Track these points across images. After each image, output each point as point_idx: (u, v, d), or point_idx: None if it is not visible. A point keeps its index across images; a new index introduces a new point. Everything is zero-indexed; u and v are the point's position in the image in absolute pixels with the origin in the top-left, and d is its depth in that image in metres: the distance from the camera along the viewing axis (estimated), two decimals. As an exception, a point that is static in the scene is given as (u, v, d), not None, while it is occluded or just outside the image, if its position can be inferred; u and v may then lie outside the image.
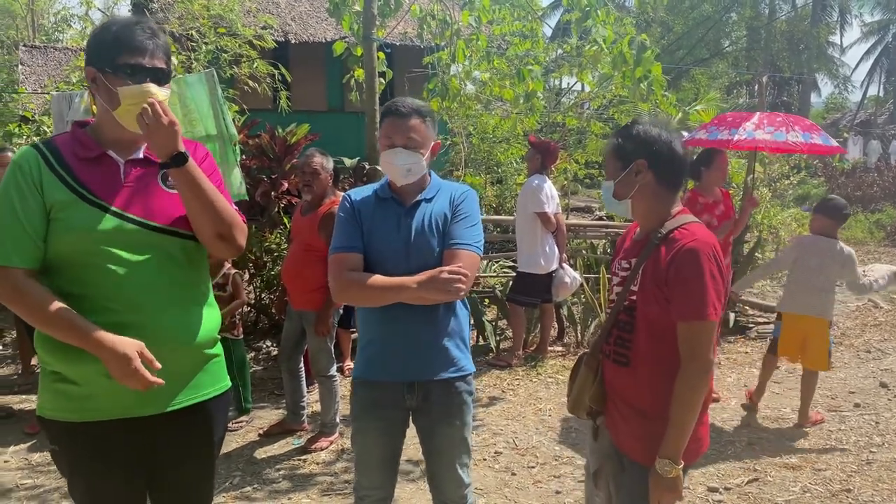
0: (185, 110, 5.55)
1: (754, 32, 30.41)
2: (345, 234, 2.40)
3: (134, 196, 1.97)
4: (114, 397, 1.94)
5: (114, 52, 1.91)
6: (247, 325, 6.46)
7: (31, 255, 1.87)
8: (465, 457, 2.51)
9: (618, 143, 2.19)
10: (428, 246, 2.37)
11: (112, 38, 1.92)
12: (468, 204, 2.45)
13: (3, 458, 4.21)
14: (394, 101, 2.45)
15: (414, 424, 2.52)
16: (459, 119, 9.60)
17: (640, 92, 5.86)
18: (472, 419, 2.55)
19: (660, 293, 2.06)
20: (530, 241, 5.88)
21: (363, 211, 2.43)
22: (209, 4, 8.74)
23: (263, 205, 6.45)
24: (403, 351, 2.40)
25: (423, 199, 2.44)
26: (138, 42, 1.92)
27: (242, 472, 4.04)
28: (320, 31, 13.87)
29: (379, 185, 2.51)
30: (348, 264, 2.35)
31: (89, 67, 1.94)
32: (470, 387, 2.51)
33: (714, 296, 2.01)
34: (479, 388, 5.43)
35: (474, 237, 2.41)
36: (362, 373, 2.48)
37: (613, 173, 2.20)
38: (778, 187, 9.54)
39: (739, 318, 7.18)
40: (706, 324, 2.01)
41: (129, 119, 1.93)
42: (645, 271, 2.11)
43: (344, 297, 2.41)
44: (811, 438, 4.47)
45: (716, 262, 2.03)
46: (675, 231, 2.10)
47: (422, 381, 2.42)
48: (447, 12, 6.17)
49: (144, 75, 1.92)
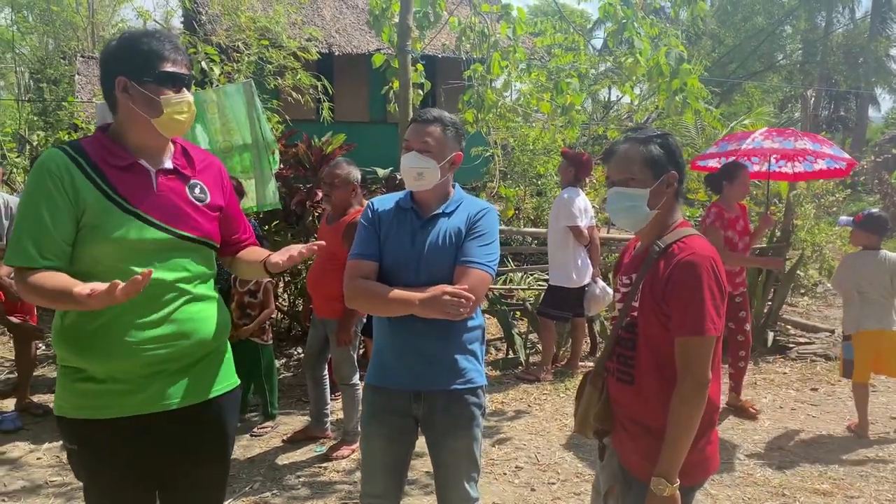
0: (223, 119, 5.70)
1: (810, 45, 29.68)
2: (362, 242, 2.43)
3: (167, 206, 2.02)
4: (137, 394, 1.98)
5: (152, 61, 1.97)
6: (280, 331, 6.56)
7: (56, 257, 1.91)
8: (472, 471, 2.49)
9: (653, 154, 2.10)
10: (440, 260, 2.37)
11: (146, 49, 1.98)
12: (486, 221, 2.42)
13: (37, 455, 4.34)
14: (423, 109, 2.48)
15: (423, 435, 2.51)
16: (499, 131, 9.59)
17: (675, 105, 5.77)
18: (481, 433, 2.53)
19: (659, 309, 2.01)
20: (562, 254, 5.82)
21: (383, 219, 2.45)
22: (256, 17, 8.96)
23: (299, 213, 6.54)
24: (412, 360, 2.40)
25: (442, 212, 2.44)
26: (171, 52, 2.00)
27: (263, 478, 4.08)
28: (364, 43, 14.05)
29: (403, 194, 2.52)
30: (361, 271, 2.38)
31: (121, 77, 1.98)
32: (480, 400, 2.48)
33: (713, 311, 1.95)
34: (505, 401, 5.40)
35: (487, 256, 2.38)
36: (372, 378, 2.51)
37: (645, 182, 2.10)
38: (822, 203, 9.26)
39: (779, 337, 6.97)
40: (704, 339, 1.96)
41: (170, 126, 2.01)
42: (644, 287, 2.07)
43: (353, 303, 2.43)
44: (846, 464, 4.31)
45: (714, 275, 1.98)
46: (673, 245, 2.05)
47: (428, 391, 2.41)
48: (485, 24, 6.18)
49: (182, 82, 2.02)
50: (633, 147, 2.13)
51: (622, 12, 5.55)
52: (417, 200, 2.47)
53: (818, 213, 9.39)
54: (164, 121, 1.99)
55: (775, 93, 28.19)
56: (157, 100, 1.96)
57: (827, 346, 6.88)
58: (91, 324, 1.95)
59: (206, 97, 5.71)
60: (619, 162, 2.15)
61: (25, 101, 18.86)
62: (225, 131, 5.71)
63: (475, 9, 6.11)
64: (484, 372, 2.54)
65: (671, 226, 2.13)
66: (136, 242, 1.94)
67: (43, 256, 1.89)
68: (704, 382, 1.98)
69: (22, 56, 23.42)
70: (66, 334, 1.99)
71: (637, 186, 2.11)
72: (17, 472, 4.11)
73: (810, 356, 6.59)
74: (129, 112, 2.00)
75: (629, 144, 2.14)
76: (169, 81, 1.98)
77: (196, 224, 2.06)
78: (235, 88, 5.74)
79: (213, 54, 7.26)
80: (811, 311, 8.54)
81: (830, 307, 8.81)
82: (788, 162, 6.02)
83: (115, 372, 1.97)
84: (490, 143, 9.74)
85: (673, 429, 1.98)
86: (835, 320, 8.09)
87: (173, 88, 1.99)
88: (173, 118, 1.99)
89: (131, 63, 1.98)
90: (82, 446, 2.03)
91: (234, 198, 2.27)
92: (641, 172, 2.10)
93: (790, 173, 6.16)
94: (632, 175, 2.11)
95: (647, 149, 2.11)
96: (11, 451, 4.39)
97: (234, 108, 5.66)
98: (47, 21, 22.74)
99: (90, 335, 1.96)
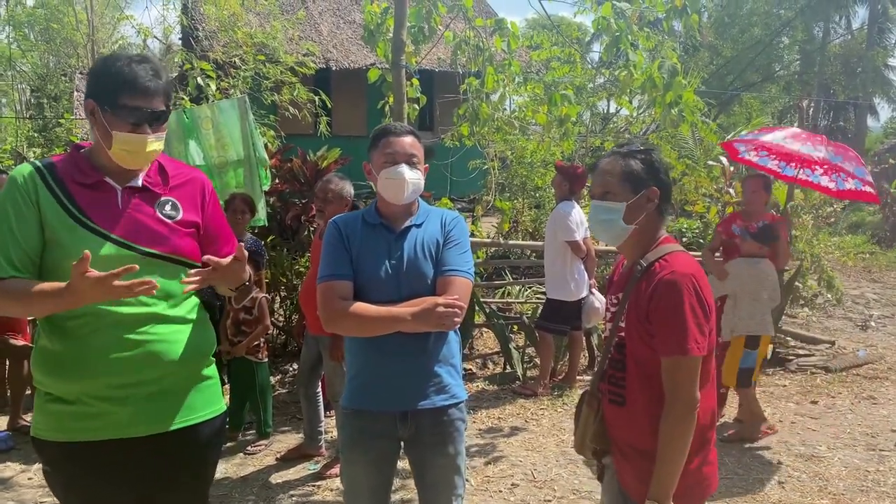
0: (217, 135, 5.70)
1: (807, 56, 29.73)
2: (334, 262, 2.35)
3: (132, 223, 2.00)
4: (107, 417, 1.95)
5: (116, 91, 1.93)
6: (275, 347, 6.52)
7: (24, 268, 1.91)
8: (458, 486, 2.45)
9: (632, 168, 2.09)
10: (420, 273, 2.33)
11: (115, 76, 1.93)
12: (459, 230, 2.42)
13: (27, 476, 4.29)
14: (385, 124, 2.46)
15: (406, 454, 2.47)
16: (496, 143, 9.58)
17: (670, 118, 5.77)
18: (465, 447, 2.50)
19: (643, 329, 1.99)
20: (560, 267, 5.79)
21: (352, 237, 2.38)
22: (253, 33, 8.98)
23: (294, 228, 6.53)
24: (395, 380, 2.35)
25: (412, 224, 2.41)
26: (140, 83, 1.94)
27: (256, 497, 4.03)
28: (361, 58, 14.09)
29: (366, 210, 2.48)
30: (339, 292, 2.30)
31: (89, 100, 1.96)
32: (462, 414, 2.45)
33: (695, 330, 1.92)
34: (501, 417, 5.34)
35: (467, 264, 2.38)
36: (351, 402, 2.42)
37: (622, 196, 2.08)
38: (820, 214, 9.24)
39: (779, 349, 6.92)
40: (689, 359, 1.93)
41: (122, 159, 1.98)
42: (629, 307, 2.04)
43: (336, 326, 2.35)
44: (846, 479, 4.25)
45: (696, 293, 1.95)
46: (655, 263, 2.02)
47: (414, 409, 2.36)
48: (480, 38, 6.19)
49: (143, 118, 1.95)
50: (614, 161, 2.12)
51: (616, 25, 5.54)
52: (386, 215, 2.42)
53: (817, 223, 9.36)
54: (116, 152, 1.96)
55: (773, 103, 28.21)
56: (110, 133, 1.93)
57: (827, 357, 6.82)
58: (59, 346, 1.93)
59: (200, 113, 5.71)
60: (599, 176, 2.15)
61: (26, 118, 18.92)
62: (220, 146, 5.70)
63: (469, 23, 6.12)
64: (463, 385, 2.51)
65: (655, 242, 2.11)
66: (100, 259, 1.90)
67: (11, 266, 1.89)
68: (692, 403, 1.94)
69: (23, 73, 23.50)
70: (38, 357, 1.98)
71: (614, 200, 2.10)
72: (7, 493, 4.07)
73: (810, 368, 6.53)
74: (96, 134, 2.00)
75: (611, 158, 2.13)
76: (130, 116, 1.93)
77: (163, 241, 2.02)
78: (230, 104, 5.75)
79: (209, 70, 7.27)
80: (811, 322, 8.48)
81: (831, 318, 8.76)
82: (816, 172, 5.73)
83: (82, 395, 1.94)
84: (486, 156, 9.73)
85: (663, 451, 1.94)
86: (835, 331, 8.05)
87: (132, 124, 1.93)
88: (123, 152, 1.96)
89: (99, 88, 1.96)
90: (54, 468, 2.01)
91: (217, 213, 2.22)
92: (619, 186, 2.09)
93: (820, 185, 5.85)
94: (609, 189, 2.10)
95: (626, 163, 2.10)
96: (3, 472, 4.34)
97: (229, 123, 5.66)
98: (48, 38, 22.83)
99: (58, 357, 1.94)
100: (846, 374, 6.40)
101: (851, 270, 11.76)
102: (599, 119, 14.64)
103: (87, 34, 21.48)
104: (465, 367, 6.49)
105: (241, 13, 9.09)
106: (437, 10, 5.64)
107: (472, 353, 6.79)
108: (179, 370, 2.04)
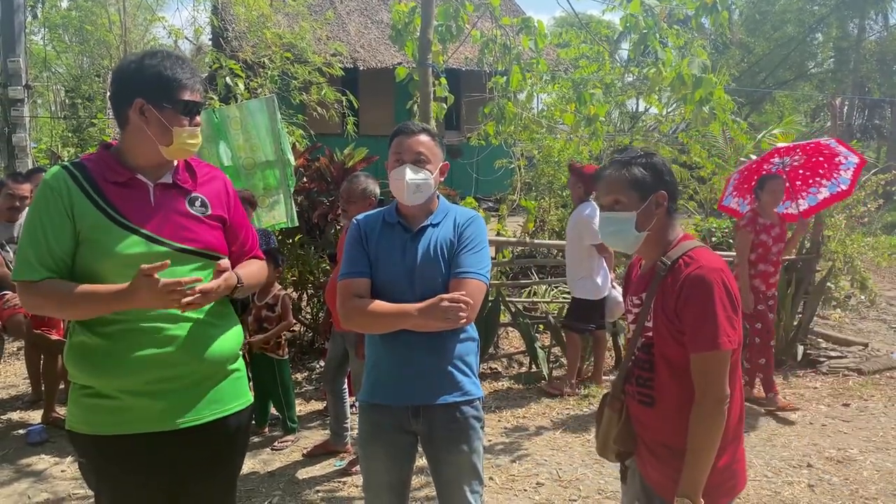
0: (245, 136, 5.73)
1: (842, 53, 29.19)
2: (352, 260, 2.40)
3: (164, 220, 2.04)
4: (141, 411, 2.00)
5: (172, 89, 2.00)
6: (302, 344, 6.57)
7: (56, 269, 1.96)
8: (475, 484, 2.45)
9: (637, 175, 2.09)
10: (433, 273, 2.35)
11: (165, 74, 2.00)
12: (473, 230, 2.41)
13: (61, 468, 4.38)
14: (401, 124, 2.47)
15: (423, 451, 2.48)
16: (522, 142, 9.55)
17: (701, 116, 5.70)
18: (482, 446, 2.50)
19: (673, 326, 1.98)
20: (586, 268, 5.76)
21: (370, 236, 2.42)
22: (282, 33, 9.05)
23: (321, 227, 6.58)
24: (407, 375, 2.37)
25: (429, 223, 2.42)
26: (189, 80, 2.03)
27: (282, 492, 4.07)
28: (389, 57, 14.13)
29: (387, 209, 2.51)
30: (355, 290, 2.35)
31: (139, 99, 1.99)
32: (478, 412, 2.46)
33: (726, 324, 1.91)
34: (527, 416, 5.34)
35: (480, 264, 2.37)
36: (367, 396, 2.47)
37: (631, 205, 2.09)
38: (854, 213, 9.06)
39: (810, 350, 6.81)
40: (720, 354, 1.92)
41: (177, 154, 2.07)
42: (656, 306, 2.03)
43: (350, 323, 2.39)
44: (879, 483, 4.18)
45: (725, 287, 1.94)
46: (679, 260, 2.01)
47: (426, 405, 2.38)
48: (507, 37, 6.18)
49: (196, 111, 2.06)
50: (617, 171, 2.12)
51: (644, 23, 5.50)
52: (405, 214, 2.45)
53: (849, 223, 9.18)
54: (173, 149, 2.04)
55: (806, 102, 27.74)
56: (171, 129, 2.00)
57: (860, 360, 6.69)
58: (96, 342, 1.97)
59: (229, 113, 5.74)
60: (605, 186, 2.15)
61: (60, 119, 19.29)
62: (248, 147, 5.74)
63: (496, 22, 6.11)
64: (479, 384, 2.51)
65: (672, 242, 2.10)
66: (133, 257, 1.95)
67: (46, 268, 1.94)
68: (723, 398, 1.93)
69: (58, 74, 23.97)
70: (73, 352, 2.02)
71: (623, 210, 2.10)
72: (41, 485, 4.15)
73: (842, 370, 6.41)
74: (140, 133, 2.03)
75: (613, 168, 2.14)
76: (187, 111, 2.02)
77: (196, 236, 2.07)
78: (258, 104, 5.78)
79: (237, 69, 7.34)
80: (843, 323, 8.33)
81: (864, 320, 8.59)
82: (793, 202, 5.80)
83: (120, 389, 1.98)
84: (513, 154, 9.70)
85: (693, 447, 1.94)
86: (868, 333, 7.90)
87: (189, 118, 2.03)
88: (182, 147, 2.04)
89: (152, 86, 2.00)
90: (90, 460, 2.07)
91: (239, 209, 2.28)
92: (627, 196, 2.10)
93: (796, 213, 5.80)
94: (616, 199, 2.11)
95: (630, 171, 2.10)
96: (37, 464, 4.44)
97: (257, 123, 5.69)
98: (82, 40, 23.26)
99: (95, 353, 1.98)
100: (879, 377, 6.27)
101: (886, 271, 11.51)
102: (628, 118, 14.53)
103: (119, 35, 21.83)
104: (491, 366, 6.49)
105: (270, 14, 9.17)
106: (464, 9, 5.65)
107: (497, 352, 6.79)
108: (211, 365, 2.09)
